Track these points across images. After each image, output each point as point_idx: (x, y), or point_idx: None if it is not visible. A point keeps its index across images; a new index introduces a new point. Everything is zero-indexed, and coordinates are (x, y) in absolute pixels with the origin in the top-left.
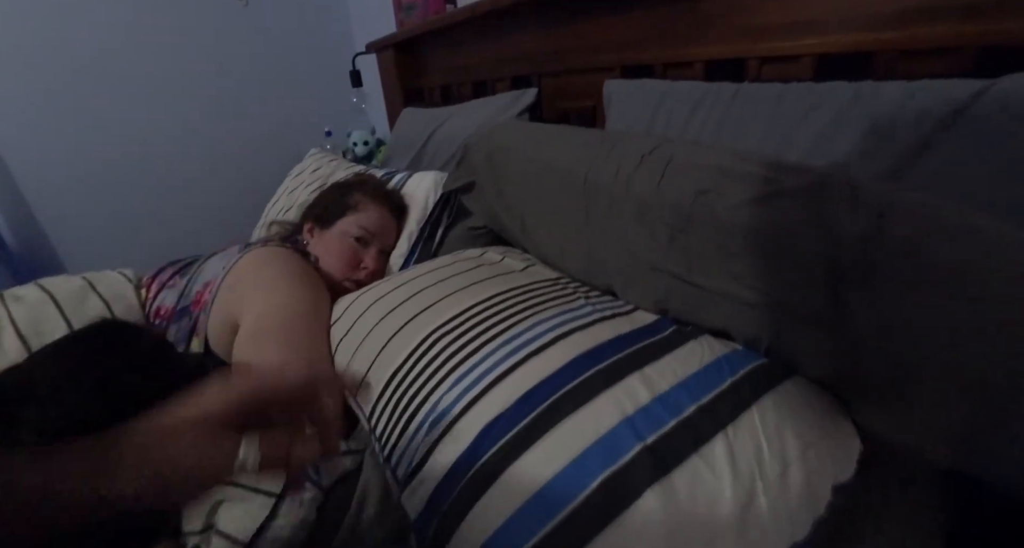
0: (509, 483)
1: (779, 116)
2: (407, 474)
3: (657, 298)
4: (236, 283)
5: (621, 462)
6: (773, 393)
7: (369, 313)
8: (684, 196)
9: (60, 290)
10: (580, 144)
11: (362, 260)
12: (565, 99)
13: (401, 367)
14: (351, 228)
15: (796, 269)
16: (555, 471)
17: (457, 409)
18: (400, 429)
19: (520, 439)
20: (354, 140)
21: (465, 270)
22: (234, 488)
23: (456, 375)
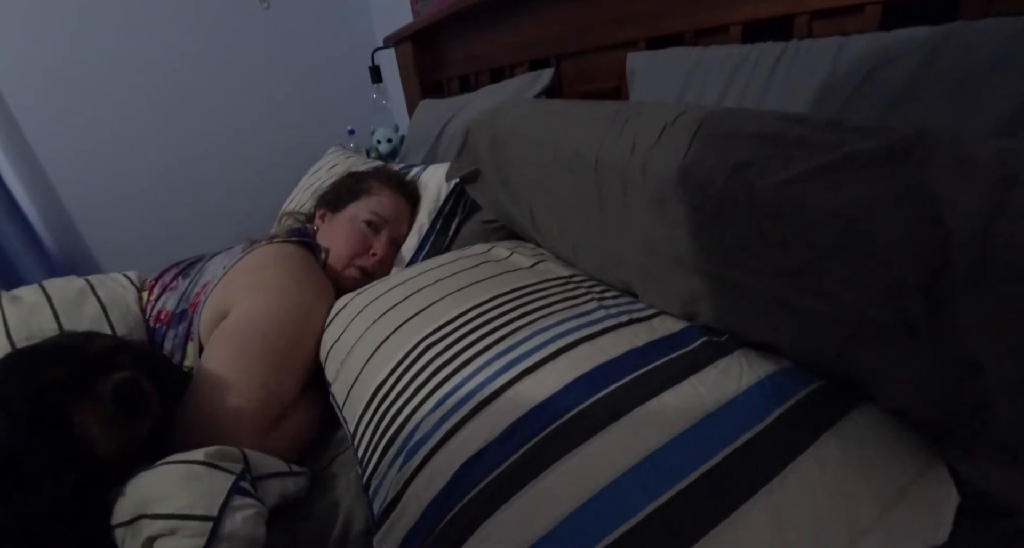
0: (484, 542)
1: (838, 75)
2: (382, 509)
3: (683, 300)
4: (231, 282)
5: (623, 529)
6: (837, 430)
7: (361, 317)
8: (716, 173)
9: (58, 293)
10: (592, 120)
11: (371, 246)
12: (586, 81)
13: (385, 381)
14: (362, 212)
15: (875, 263)
16: (537, 536)
17: (436, 437)
18: (379, 455)
19: (501, 485)
20: (377, 138)
21: (466, 268)
22: (161, 520)
23: (439, 395)
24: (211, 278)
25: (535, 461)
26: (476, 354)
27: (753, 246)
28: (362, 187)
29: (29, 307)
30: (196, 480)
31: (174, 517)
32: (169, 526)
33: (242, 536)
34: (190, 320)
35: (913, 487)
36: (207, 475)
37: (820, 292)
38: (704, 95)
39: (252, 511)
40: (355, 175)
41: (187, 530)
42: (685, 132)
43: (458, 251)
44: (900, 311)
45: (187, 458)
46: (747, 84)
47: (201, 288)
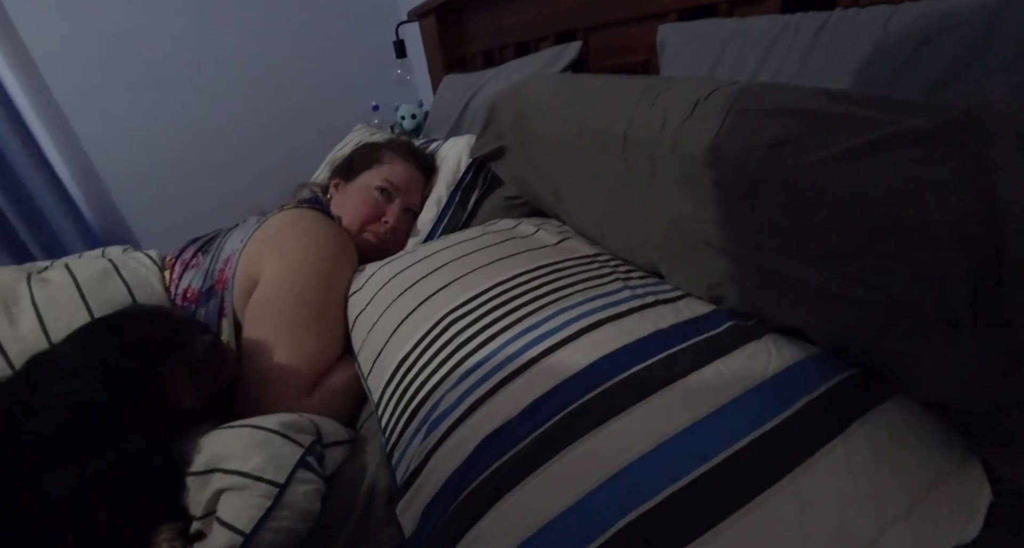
0: (502, 516)
1: (886, 47)
2: (405, 479)
3: (710, 283)
4: (253, 253)
5: (642, 509)
6: (867, 420)
7: (387, 289)
8: (750, 151)
9: (84, 273)
10: (620, 95)
11: (383, 213)
12: (613, 55)
13: (409, 355)
14: (374, 179)
15: (921, 249)
16: (556, 511)
17: (458, 412)
18: (402, 426)
19: (522, 460)
20: (401, 114)
21: (492, 244)
22: (234, 475)
23: (462, 369)
24: (231, 252)
25: (557, 438)
26: (500, 331)
27: (786, 229)
28: (375, 156)
29: (57, 288)
30: (268, 446)
31: (246, 476)
32: (239, 482)
33: (301, 508)
34: (220, 297)
35: (944, 482)
36: (279, 444)
37: (857, 278)
38: (738, 69)
39: (312, 487)
40: (369, 145)
41: (256, 490)
42: (719, 108)
43: (484, 226)
44: (944, 300)
45: (262, 424)
46: (785, 57)
47: (224, 264)
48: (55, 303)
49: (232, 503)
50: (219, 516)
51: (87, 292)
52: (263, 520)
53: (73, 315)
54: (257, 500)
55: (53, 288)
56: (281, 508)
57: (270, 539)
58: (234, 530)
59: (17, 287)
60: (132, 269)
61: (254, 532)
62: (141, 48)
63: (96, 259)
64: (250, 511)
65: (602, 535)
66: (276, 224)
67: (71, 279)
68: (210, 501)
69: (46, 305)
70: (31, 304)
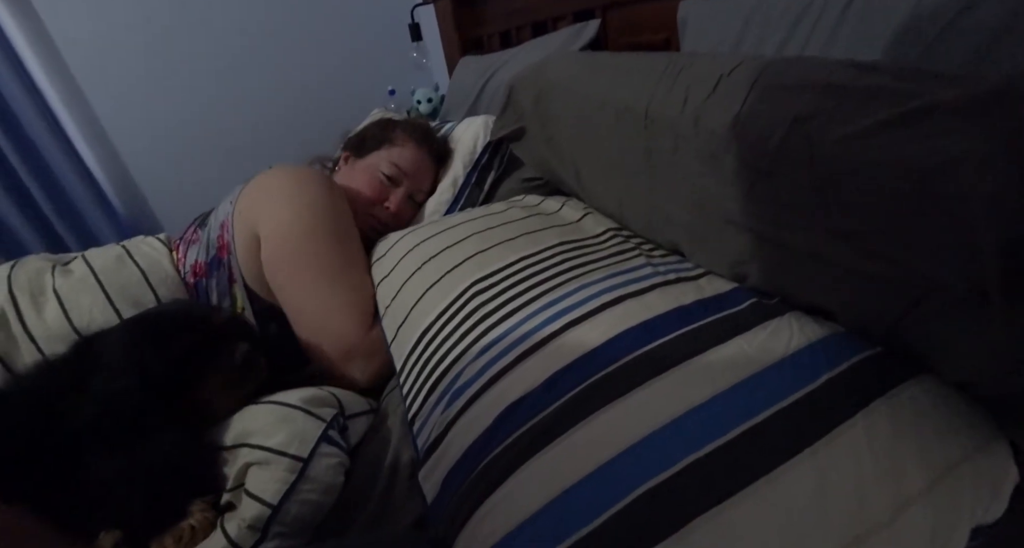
0: (522, 484)
1: (920, 18)
2: (426, 447)
3: (732, 261)
4: (246, 209)
5: (661, 478)
6: (890, 398)
7: (410, 258)
8: (774, 126)
9: (99, 262)
10: (642, 72)
11: (387, 198)
12: (633, 33)
13: (432, 325)
14: (383, 162)
15: (951, 225)
16: (575, 479)
17: (480, 382)
18: (424, 395)
19: (541, 432)
20: (417, 97)
21: (517, 219)
22: (259, 450)
23: (485, 341)
24: (225, 217)
25: (577, 409)
26: (523, 304)
27: (810, 205)
28: (388, 136)
29: (77, 279)
30: (292, 422)
31: (271, 451)
32: (265, 457)
33: (324, 481)
34: (227, 264)
35: (968, 462)
36: (302, 419)
37: (883, 255)
38: (762, 45)
39: (335, 460)
40: (384, 122)
41: (280, 464)
42: (742, 83)
43: (509, 201)
44: (973, 277)
45: (285, 400)
46: (811, 33)
47: (221, 230)
48: (75, 290)
49: (259, 477)
50: (247, 488)
51: (103, 279)
52: (288, 493)
53: (93, 301)
54: (282, 474)
55: (73, 278)
56: (305, 481)
57: (296, 511)
58: (262, 502)
59: (43, 278)
60: (144, 253)
61: (280, 504)
62: (162, 38)
63: (111, 247)
64: (276, 484)
65: (621, 501)
66: (267, 178)
67: (88, 269)
68: (239, 474)
69: (67, 293)
70: (54, 293)
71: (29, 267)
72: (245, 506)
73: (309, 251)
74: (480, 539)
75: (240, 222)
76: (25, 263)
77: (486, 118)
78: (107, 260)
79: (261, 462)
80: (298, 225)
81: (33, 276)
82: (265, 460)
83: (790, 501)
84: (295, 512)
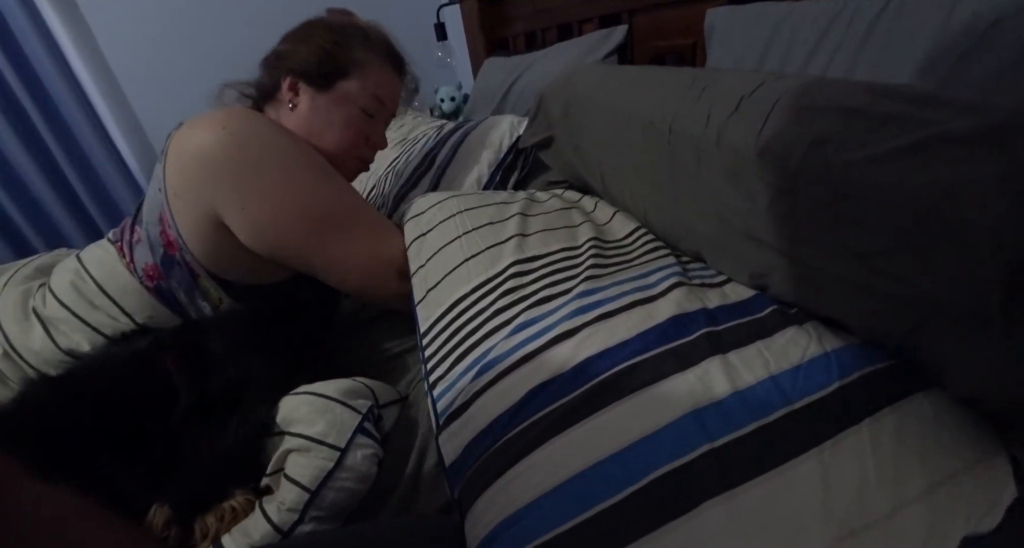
0: (546, 458)
1: (951, 32)
2: (448, 413)
3: (753, 272)
4: (182, 189)
5: (679, 462)
6: (897, 408)
7: (453, 222)
8: (793, 148)
9: (59, 287)
10: (666, 88)
11: (369, 136)
12: (659, 37)
13: (468, 295)
14: (359, 96)
15: (957, 249)
16: (599, 457)
17: (510, 360)
18: (450, 363)
19: (568, 412)
20: (441, 96)
21: (558, 209)
22: (299, 438)
23: (518, 322)
24: (160, 209)
25: (603, 395)
26: (559, 293)
27: (827, 224)
28: (350, 56)
29: (52, 311)
30: (330, 413)
31: (311, 439)
32: (305, 445)
33: (359, 470)
34: (182, 260)
35: (968, 472)
36: (339, 410)
37: (893, 274)
38: (790, 55)
39: (370, 452)
40: (329, 35)
41: (319, 453)
42: (763, 104)
43: (551, 192)
44: (977, 299)
45: (323, 392)
46: (840, 43)
47: (161, 225)
48: (54, 318)
49: (299, 462)
50: (287, 473)
51: (76, 311)
52: (326, 479)
53: (72, 331)
54: (321, 461)
55: (48, 312)
56: (342, 470)
57: (332, 497)
58: (301, 487)
59: (27, 303)
60: (99, 261)
61: (318, 490)
62: (192, 34)
63: (69, 262)
64: (314, 471)
65: (641, 480)
66: (193, 147)
67: (58, 304)
68: (279, 459)
69: (48, 323)
70: (38, 321)
71: (13, 293)
72: (285, 490)
73: (309, 202)
74: (503, 503)
75: (181, 208)
76: (16, 282)
77: (512, 118)
78: (64, 286)
79: (301, 449)
80: (284, 196)
81: (19, 301)
82: (305, 448)
83: (794, 493)
84: (331, 498)
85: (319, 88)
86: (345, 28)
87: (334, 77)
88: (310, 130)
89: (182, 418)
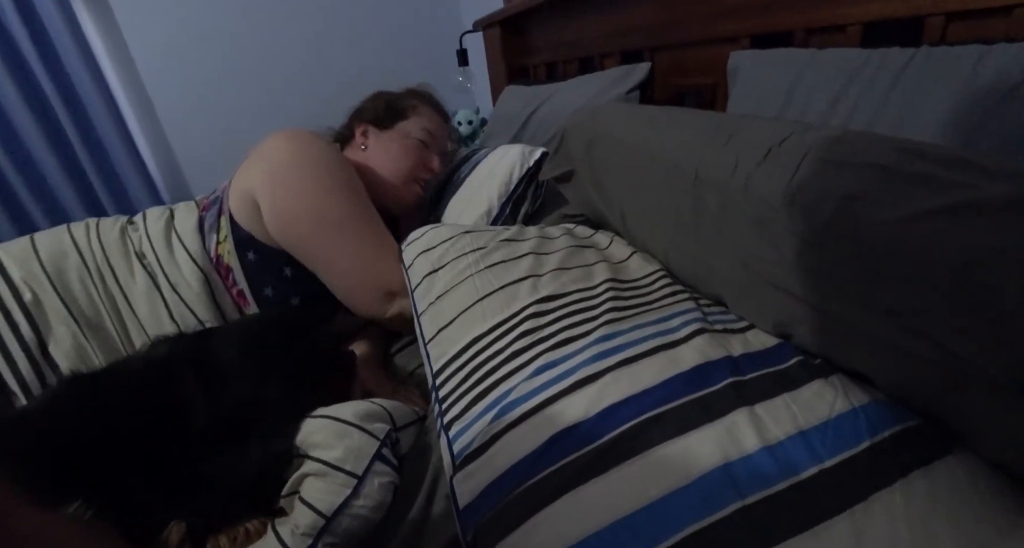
0: (572, 508)
1: (976, 89)
2: (466, 454)
3: (777, 321)
4: (244, 169)
5: (710, 519)
6: (928, 470)
7: (466, 259)
8: (823, 202)
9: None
10: (692, 131)
11: (428, 161)
12: (681, 75)
13: (484, 335)
14: (414, 130)
15: (992, 315)
16: (629, 509)
17: (532, 403)
18: (466, 403)
19: (595, 460)
20: (459, 119)
21: (571, 246)
22: (317, 463)
23: (538, 364)
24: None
25: (630, 444)
26: (578, 336)
27: (855, 280)
28: (405, 105)
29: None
30: (348, 438)
31: (329, 464)
32: (323, 470)
33: (375, 498)
34: (220, 202)
35: (1001, 542)
36: (357, 436)
37: (924, 335)
38: (812, 102)
39: (387, 479)
40: (391, 95)
41: (336, 479)
42: (792, 155)
43: (564, 227)
44: (1010, 367)
45: (341, 416)
46: (863, 94)
47: (226, 182)
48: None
49: (315, 487)
50: (303, 496)
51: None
52: (342, 506)
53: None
54: (337, 488)
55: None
56: (358, 497)
57: (347, 524)
58: (317, 512)
59: (132, 262)
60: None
61: (334, 516)
62: (219, 44)
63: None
64: (330, 497)
65: (669, 539)
66: (267, 146)
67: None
68: (295, 482)
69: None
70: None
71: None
72: (299, 513)
73: (330, 206)
74: None
75: (238, 177)
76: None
77: (523, 148)
78: (164, 255)
79: (318, 474)
80: (309, 195)
81: (123, 259)
82: (322, 472)
83: None
84: (346, 525)
85: (383, 128)
86: (402, 91)
87: (394, 119)
88: (377, 162)
89: (200, 434)
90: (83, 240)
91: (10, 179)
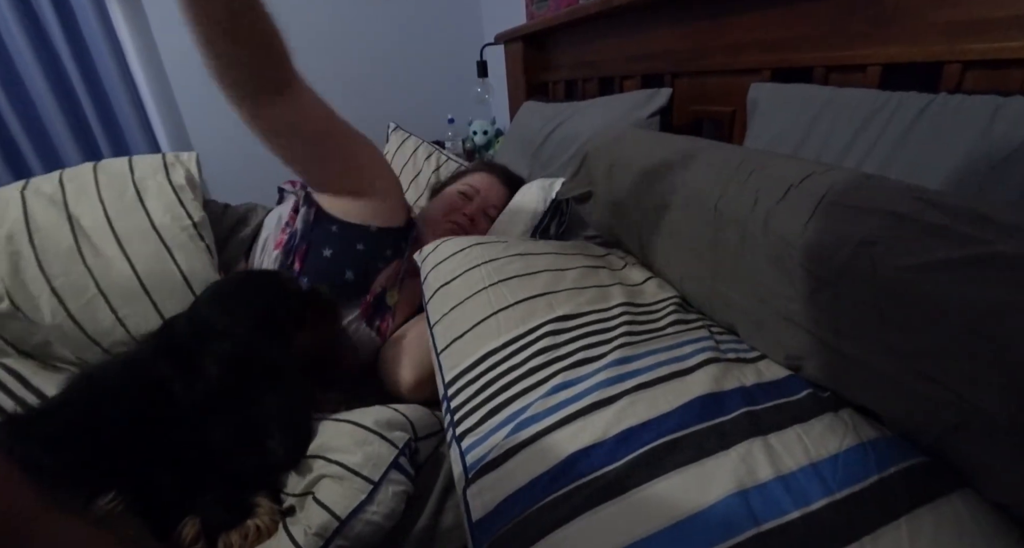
0: (594, 526)
1: (992, 138)
2: (480, 466)
3: (789, 354)
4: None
5: (730, 542)
6: (933, 507)
7: (479, 272)
8: (840, 245)
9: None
10: (713, 166)
11: (463, 207)
12: (700, 102)
13: (500, 349)
14: (456, 186)
15: (1001, 366)
16: (649, 531)
17: (549, 421)
18: (480, 417)
19: (615, 481)
20: (474, 129)
21: (586, 266)
22: (336, 466)
23: (555, 383)
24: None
25: (649, 468)
26: (595, 357)
27: (868, 320)
28: (458, 174)
29: None
30: (368, 445)
31: (347, 468)
32: (341, 472)
33: (389, 506)
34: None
35: None
36: (377, 443)
37: (932, 378)
38: (830, 139)
39: (401, 488)
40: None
41: (353, 483)
42: (810, 196)
43: (578, 244)
44: (1015, 413)
45: (361, 422)
46: (880, 135)
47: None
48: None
49: (331, 489)
50: (318, 497)
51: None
52: (356, 510)
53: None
54: (354, 492)
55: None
56: (373, 503)
57: (359, 529)
58: (331, 513)
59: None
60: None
61: (348, 519)
62: None
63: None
64: (346, 500)
65: None
66: None
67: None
68: (310, 482)
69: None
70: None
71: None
72: (312, 513)
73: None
74: None
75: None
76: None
77: (541, 182)
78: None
79: (335, 476)
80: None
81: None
82: (340, 475)
83: None
84: (358, 530)
85: (434, 194)
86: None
87: (446, 186)
88: (430, 206)
89: (201, 404)
90: None
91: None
